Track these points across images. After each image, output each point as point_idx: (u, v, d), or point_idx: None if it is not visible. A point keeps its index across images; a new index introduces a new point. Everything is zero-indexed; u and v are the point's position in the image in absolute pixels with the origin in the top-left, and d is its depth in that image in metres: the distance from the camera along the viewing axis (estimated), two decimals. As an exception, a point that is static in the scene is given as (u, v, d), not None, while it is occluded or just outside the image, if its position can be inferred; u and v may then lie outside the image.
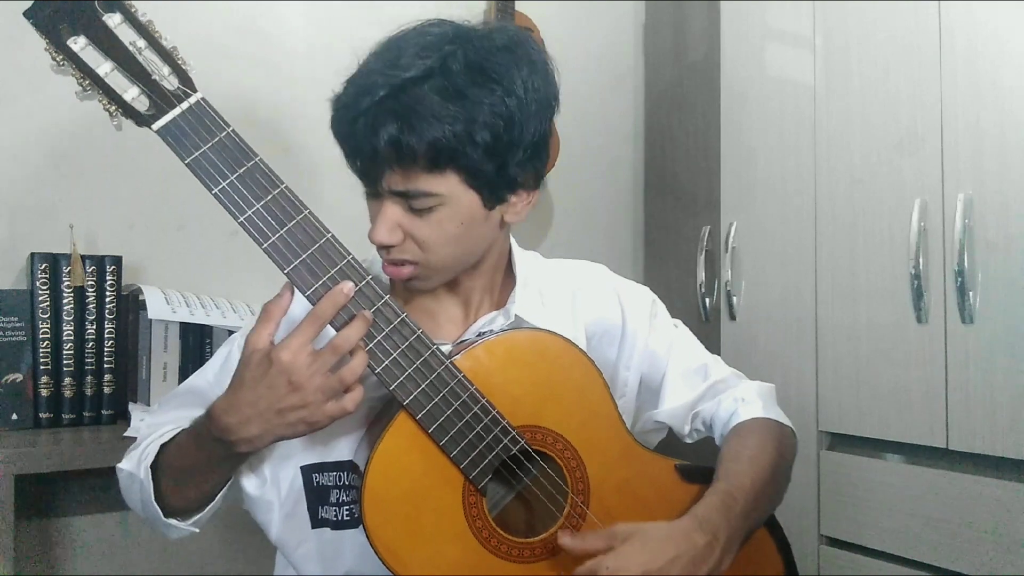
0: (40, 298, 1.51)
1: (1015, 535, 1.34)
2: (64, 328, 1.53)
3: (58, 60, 0.84)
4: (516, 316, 1.06)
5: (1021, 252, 1.35)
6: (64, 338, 1.53)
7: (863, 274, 1.57)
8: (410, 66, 0.92)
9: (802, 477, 1.20)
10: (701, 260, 2.02)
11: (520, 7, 2.06)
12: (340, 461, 1.01)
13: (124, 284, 1.60)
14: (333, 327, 0.89)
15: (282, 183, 0.89)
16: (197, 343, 1.62)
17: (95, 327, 1.55)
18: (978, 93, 1.40)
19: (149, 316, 1.55)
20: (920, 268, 1.46)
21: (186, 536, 1.00)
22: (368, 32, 0.99)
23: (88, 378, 1.55)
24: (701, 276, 2.01)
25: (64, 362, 1.53)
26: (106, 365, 1.56)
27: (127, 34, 0.86)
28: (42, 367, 1.51)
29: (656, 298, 1.21)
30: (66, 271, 1.53)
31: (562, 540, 0.95)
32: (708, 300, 2.01)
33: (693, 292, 2.03)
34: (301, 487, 1.02)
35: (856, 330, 1.58)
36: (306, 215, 0.89)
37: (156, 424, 1.04)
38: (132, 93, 0.86)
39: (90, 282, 1.55)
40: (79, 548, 1.65)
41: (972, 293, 1.39)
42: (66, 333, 1.53)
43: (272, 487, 1.02)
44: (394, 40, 0.97)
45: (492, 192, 0.97)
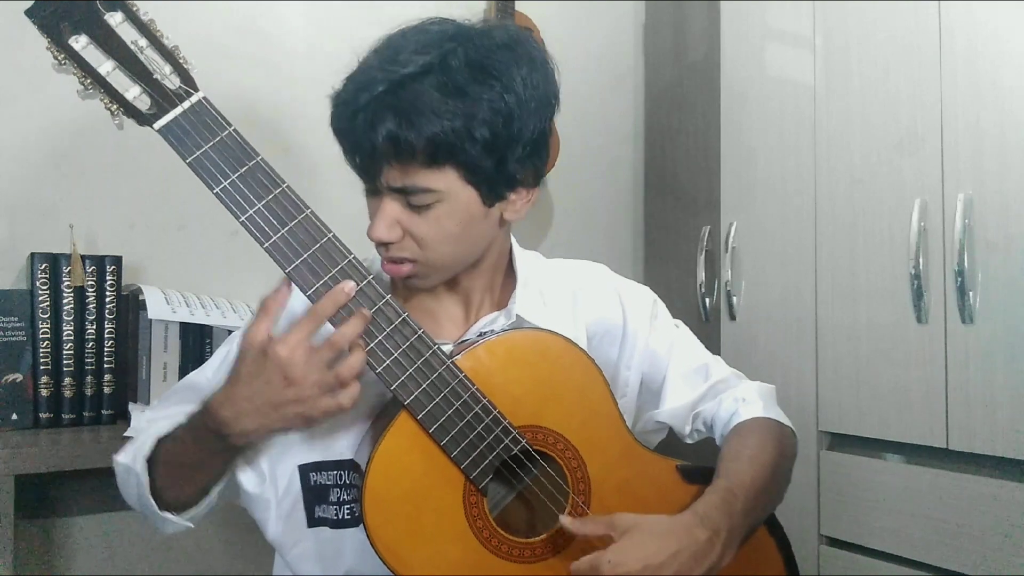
0: (40, 298, 1.51)
1: (1015, 535, 1.34)
2: (64, 328, 1.53)
3: (60, 59, 0.84)
4: (517, 316, 1.06)
5: (1021, 252, 1.35)
6: (64, 338, 1.53)
7: (863, 274, 1.57)
8: (409, 62, 0.92)
9: (802, 477, 1.20)
10: (701, 260, 2.02)
11: (520, 7, 2.06)
12: (340, 460, 1.01)
13: (124, 284, 1.60)
14: (333, 325, 0.89)
15: (283, 182, 0.89)
16: (197, 343, 1.62)
17: (95, 327, 1.55)
18: (978, 93, 1.40)
19: (149, 316, 1.55)
20: (920, 268, 1.46)
21: (181, 531, 1.00)
22: (368, 32, 0.99)
23: (88, 378, 1.54)
24: (701, 276, 2.01)
25: (64, 362, 1.52)
26: (106, 365, 1.56)
27: (129, 33, 0.86)
28: (42, 367, 1.51)
29: (657, 298, 1.21)
30: (66, 271, 1.53)
31: (563, 520, 0.95)
32: (708, 300, 2.01)
33: (693, 292, 2.03)
34: (299, 486, 1.02)
35: (856, 330, 1.58)
36: (307, 215, 0.89)
37: (154, 419, 1.04)
38: (134, 92, 0.86)
39: (90, 282, 1.55)
40: (79, 548, 1.65)
41: (972, 293, 1.39)
42: (66, 333, 1.53)
43: (270, 485, 1.01)
44: (394, 37, 0.97)
45: (491, 189, 0.97)
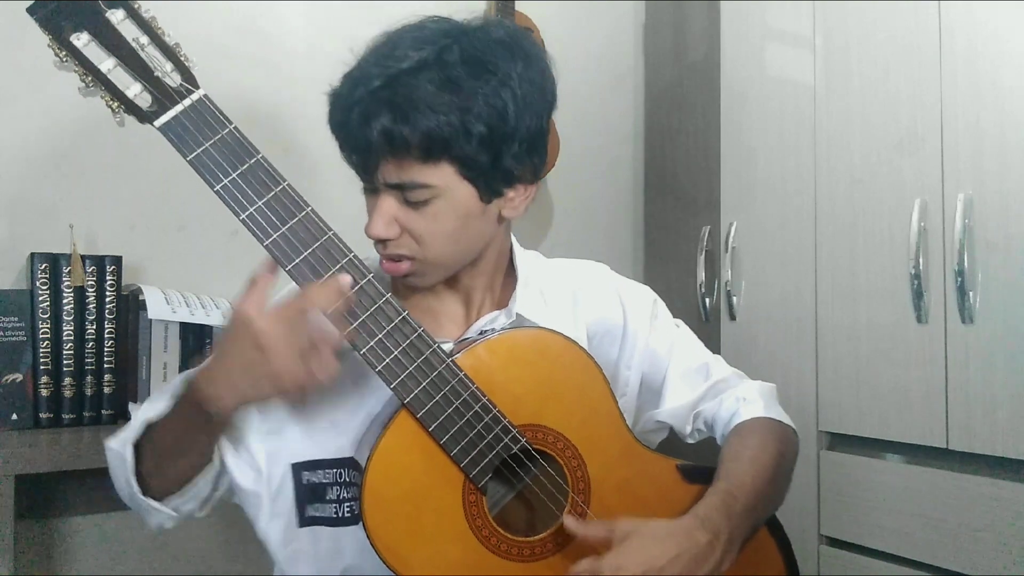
0: (40, 298, 1.51)
1: (1015, 535, 1.34)
2: (64, 328, 1.53)
3: (61, 56, 0.84)
4: (518, 314, 1.06)
5: (1021, 252, 1.35)
6: (64, 338, 1.53)
7: (863, 274, 1.57)
8: (405, 58, 0.92)
9: (802, 477, 1.20)
10: (701, 260, 2.02)
11: (520, 7, 2.06)
12: (339, 458, 1.01)
13: (124, 284, 1.60)
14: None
15: (284, 180, 0.89)
16: (197, 343, 1.62)
17: (95, 327, 1.55)
18: (978, 93, 1.40)
19: (149, 316, 1.55)
20: (920, 268, 1.46)
21: (167, 523, 0.99)
22: (368, 32, 0.99)
23: (88, 378, 1.54)
24: (701, 276, 2.02)
25: (64, 362, 1.52)
26: (106, 365, 1.56)
27: (130, 30, 0.86)
28: (42, 367, 1.51)
29: (657, 298, 1.21)
30: (66, 271, 1.53)
31: (566, 521, 0.96)
32: (708, 300, 2.01)
33: (693, 292, 2.03)
34: (291, 484, 1.02)
35: (856, 330, 1.58)
36: (308, 213, 0.89)
37: (149, 410, 1.03)
38: (135, 90, 0.86)
39: (90, 282, 1.55)
40: (79, 548, 1.65)
41: (972, 293, 1.39)
42: (66, 333, 1.53)
43: (265, 482, 1.01)
44: (391, 34, 0.97)
45: (488, 185, 0.97)
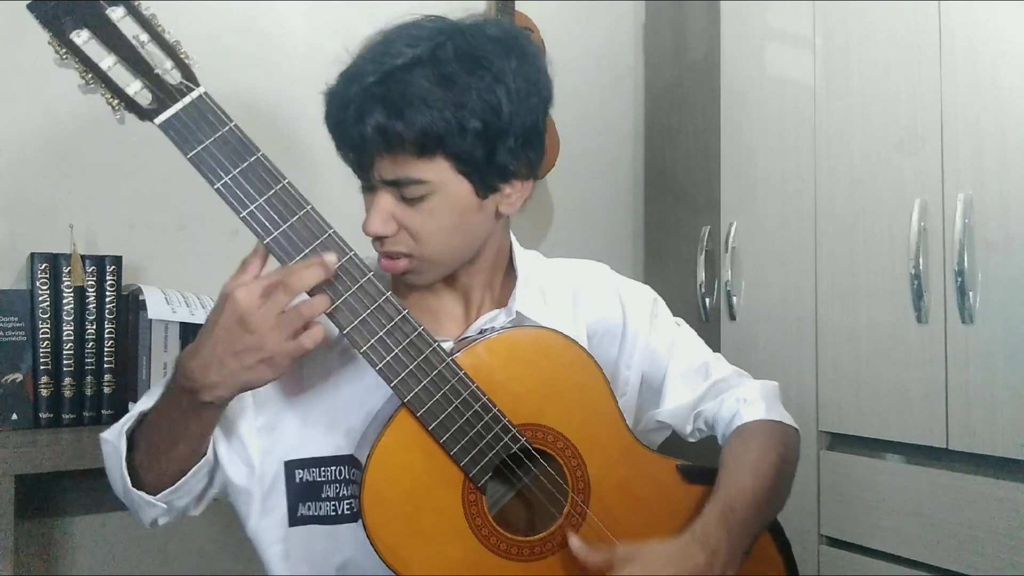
0: (40, 298, 1.51)
1: (1015, 535, 1.34)
2: (64, 328, 1.53)
3: (61, 54, 0.84)
4: (518, 313, 1.06)
5: (1021, 252, 1.35)
6: (64, 338, 1.53)
7: (863, 274, 1.57)
8: (399, 54, 0.92)
9: (802, 477, 1.20)
10: (701, 260, 2.02)
11: (520, 7, 2.06)
12: (337, 456, 1.01)
13: (124, 284, 1.60)
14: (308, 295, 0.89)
15: (284, 178, 0.89)
16: (197, 343, 1.62)
17: (95, 327, 1.55)
18: (978, 93, 1.40)
19: (149, 316, 1.55)
20: (920, 268, 1.46)
21: (161, 521, 0.99)
22: (368, 32, 0.99)
23: (88, 378, 1.54)
24: (701, 276, 2.01)
25: (64, 362, 1.52)
26: (106, 365, 1.56)
27: (130, 28, 0.86)
28: (42, 367, 1.51)
29: (657, 297, 1.21)
30: (66, 271, 1.53)
31: (571, 542, 0.96)
32: (708, 300, 2.01)
33: (693, 292, 2.03)
34: (283, 482, 1.01)
35: (856, 330, 1.58)
36: (308, 211, 0.89)
37: (145, 402, 1.02)
38: (135, 87, 0.86)
39: (90, 282, 1.55)
40: (79, 548, 1.64)
41: (972, 293, 1.39)
42: (66, 333, 1.53)
43: (257, 479, 1.01)
44: (386, 32, 0.97)
45: (484, 180, 0.97)
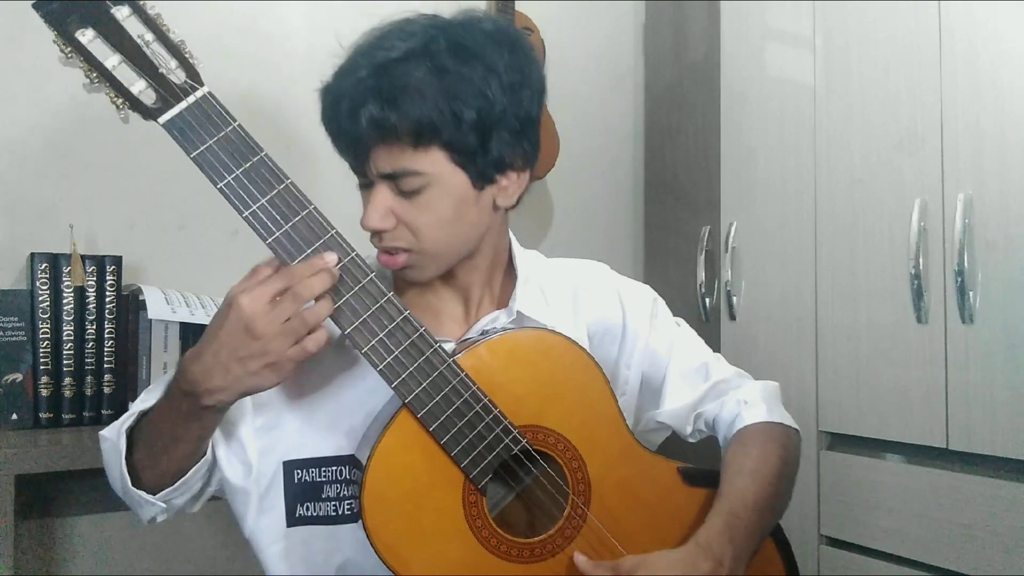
0: (40, 298, 1.51)
1: (1015, 535, 1.34)
2: (64, 328, 1.52)
3: (66, 53, 0.84)
4: (518, 313, 1.06)
5: (1021, 252, 1.35)
6: (64, 338, 1.52)
7: (863, 274, 1.57)
8: (392, 48, 0.93)
9: (802, 477, 1.20)
10: (701, 260, 2.02)
11: (520, 7, 2.06)
12: (337, 456, 1.01)
13: (124, 284, 1.60)
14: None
15: (287, 178, 0.89)
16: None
17: (95, 327, 1.55)
18: (978, 93, 1.40)
19: (149, 316, 1.55)
20: (920, 268, 1.46)
21: (159, 519, 0.99)
22: (368, 32, 0.99)
23: (88, 378, 1.54)
24: (701, 276, 2.02)
25: (64, 362, 1.52)
26: (106, 365, 1.56)
27: (135, 27, 0.86)
28: (42, 367, 1.50)
29: (657, 297, 1.21)
30: (66, 271, 1.53)
31: (577, 557, 0.97)
32: (708, 300, 2.01)
33: (693, 292, 2.03)
34: (282, 482, 1.01)
35: (856, 330, 1.58)
36: (310, 211, 0.90)
37: (145, 400, 1.02)
38: (139, 86, 0.86)
39: (90, 282, 1.55)
40: (79, 548, 1.64)
41: (972, 293, 1.39)
42: (66, 333, 1.53)
43: (255, 479, 1.01)
44: (380, 28, 0.98)
45: (479, 171, 0.97)
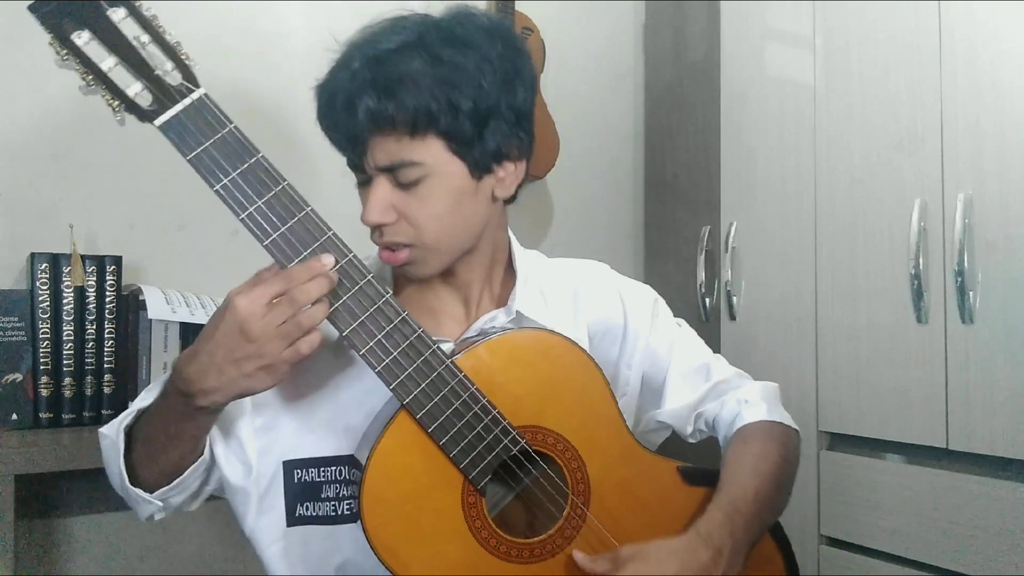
0: (40, 298, 1.51)
1: (1015, 535, 1.34)
2: (64, 328, 1.53)
3: (62, 55, 0.84)
4: (518, 312, 1.06)
5: (1021, 252, 1.35)
6: (64, 338, 1.53)
7: (863, 274, 1.57)
8: (387, 40, 0.93)
9: (802, 477, 1.20)
10: (701, 260, 2.02)
11: (520, 7, 2.06)
12: (337, 456, 1.01)
13: (124, 284, 1.60)
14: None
15: (284, 180, 0.89)
16: (197, 343, 1.62)
17: (95, 327, 1.55)
18: (978, 93, 1.40)
19: (149, 316, 1.56)
20: (920, 268, 1.46)
21: (157, 517, 0.99)
22: (368, 31, 0.99)
23: (88, 378, 1.54)
24: (701, 276, 2.02)
25: (64, 362, 1.52)
26: (106, 365, 1.56)
27: (131, 29, 0.85)
28: (42, 367, 1.51)
29: (658, 297, 1.21)
30: (66, 271, 1.53)
31: (576, 555, 0.97)
32: (708, 300, 2.01)
33: (693, 292, 2.03)
34: (282, 482, 1.01)
35: (856, 330, 1.58)
36: (308, 213, 0.89)
37: (144, 398, 1.02)
38: (135, 88, 0.86)
39: (90, 282, 1.55)
40: (79, 548, 1.65)
41: (972, 293, 1.39)
42: (66, 333, 1.53)
43: (254, 479, 1.00)
44: (373, 25, 0.98)
45: (477, 160, 0.97)
